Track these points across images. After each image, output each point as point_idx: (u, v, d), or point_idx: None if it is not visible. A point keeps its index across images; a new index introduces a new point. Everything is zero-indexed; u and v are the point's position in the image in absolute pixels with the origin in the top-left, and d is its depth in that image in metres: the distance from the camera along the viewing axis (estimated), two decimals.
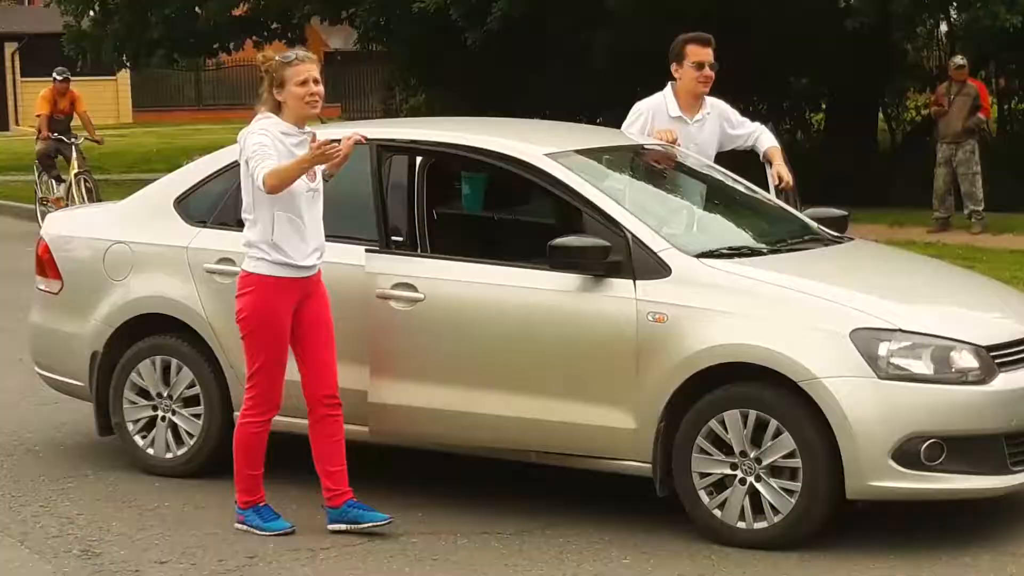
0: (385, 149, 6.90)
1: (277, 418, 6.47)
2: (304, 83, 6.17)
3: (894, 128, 24.21)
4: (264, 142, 6.13)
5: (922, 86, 23.05)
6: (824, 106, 23.92)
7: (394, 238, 6.76)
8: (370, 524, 6.30)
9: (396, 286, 6.61)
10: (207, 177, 7.39)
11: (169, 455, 7.25)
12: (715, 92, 7.87)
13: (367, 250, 6.70)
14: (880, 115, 23.83)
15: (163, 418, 7.26)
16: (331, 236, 6.49)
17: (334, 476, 6.35)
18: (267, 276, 6.20)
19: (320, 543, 6.27)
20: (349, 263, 6.66)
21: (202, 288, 7.12)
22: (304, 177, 6.16)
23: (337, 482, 6.34)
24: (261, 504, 6.42)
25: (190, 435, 7.21)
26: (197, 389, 7.17)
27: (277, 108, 6.23)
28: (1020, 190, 18.61)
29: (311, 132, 6.32)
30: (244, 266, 6.30)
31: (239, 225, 7.19)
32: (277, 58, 6.26)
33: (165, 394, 7.25)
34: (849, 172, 20.28)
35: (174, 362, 7.22)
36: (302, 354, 6.33)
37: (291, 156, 6.14)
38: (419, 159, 6.89)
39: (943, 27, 23.10)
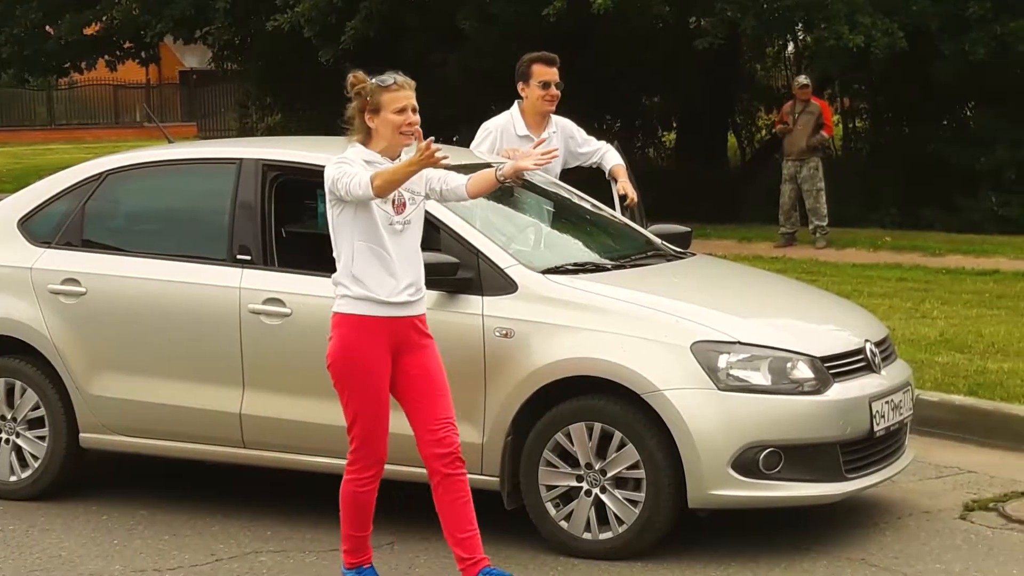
0: (241, 169, 6.92)
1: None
2: (403, 111, 5.57)
3: (744, 146, 24.72)
4: (348, 159, 5.56)
5: (771, 105, 23.58)
6: (675, 124, 24.33)
7: (241, 256, 6.77)
8: None
9: (267, 301, 6.63)
10: (51, 197, 7.35)
11: (13, 478, 7.17)
12: (569, 111, 8.00)
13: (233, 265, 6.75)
14: (730, 134, 24.31)
15: (7, 440, 7.19)
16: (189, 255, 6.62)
17: (465, 543, 5.62)
18: (351, 315, 5.57)
19: (166, 563, 6.24)
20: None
21: (46, 309, 7.07)
22: (390, 208, 5.56)
23: (470, 550, 5.61)
24: (366, 566, 5.82)
25: (35, 457, 7.14)
26: (42, 411, 7.11)
27: (367, 135, 5.64)
28: (864, 206, 19.14)
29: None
30: (334, 307, 5.66)
31: (84, 245, 7.19)
32: (373, 81, 5.63)
33: (9, 416, 7.18)
34: (700, 189, 20.67)
35: (18, 384, 7.16)
36: (409, 410, 5.68)
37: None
38: (269, 178, 6.91)
39: (791, 47, 23.65)
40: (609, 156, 7.89)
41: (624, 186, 7.68)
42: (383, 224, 5.55)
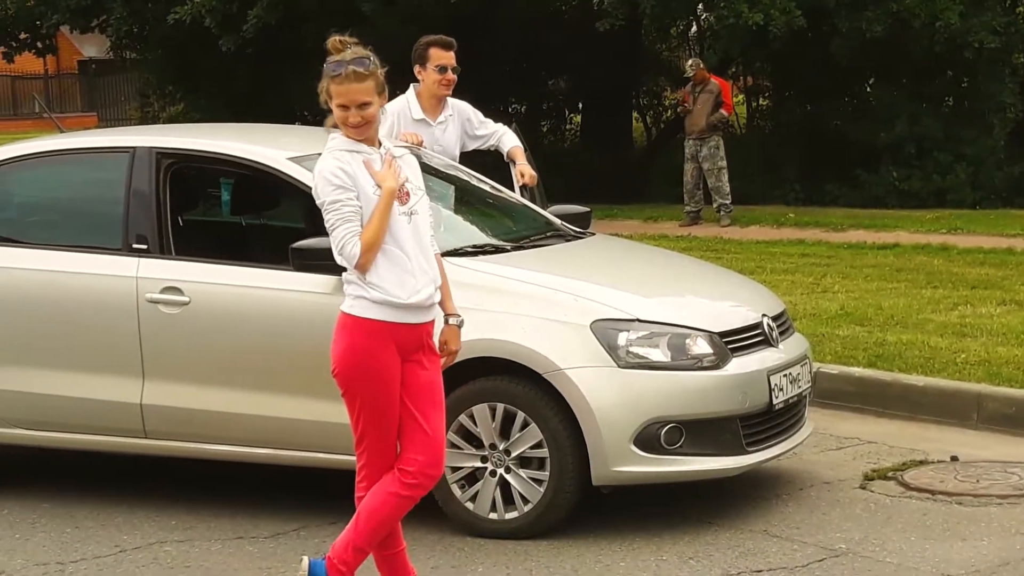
0: (134, 157, 6.85)
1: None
2: (344, 108, 5.06)
3: (650, 126, 24.87)
4: (338, 185, 5.02)
5: (677, 85, 23.75)
6: (581, 106, 24.42)
7: (136, 245, 6.71)
8: None
9: (165, 290, 6.58)
10: None
11: None
12: (475, 95, 8.00)
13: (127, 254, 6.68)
14: (635, 114, 24.45)
15: None
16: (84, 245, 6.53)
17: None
18: (366, 319, 5.08)
19: (70, 556, 6.18)
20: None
21: None
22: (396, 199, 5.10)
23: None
24: None
25: None
26: None
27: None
28: (768, 183, 19.35)
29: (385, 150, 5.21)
30: (341, 307, 5.17)
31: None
32: (326, 64, 5.09)
33: None
34: (606, 170, 20.79)
35: None
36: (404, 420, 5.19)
37: (367, 181, 5.07)
38: (164, 165, 6.85)
39: (694, 27, 23.81)
40: (506, 139, 7.91)
41: (522, 168, 7.70)
42: (394, 215, 5.07)
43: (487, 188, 7.56)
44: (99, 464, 7.34)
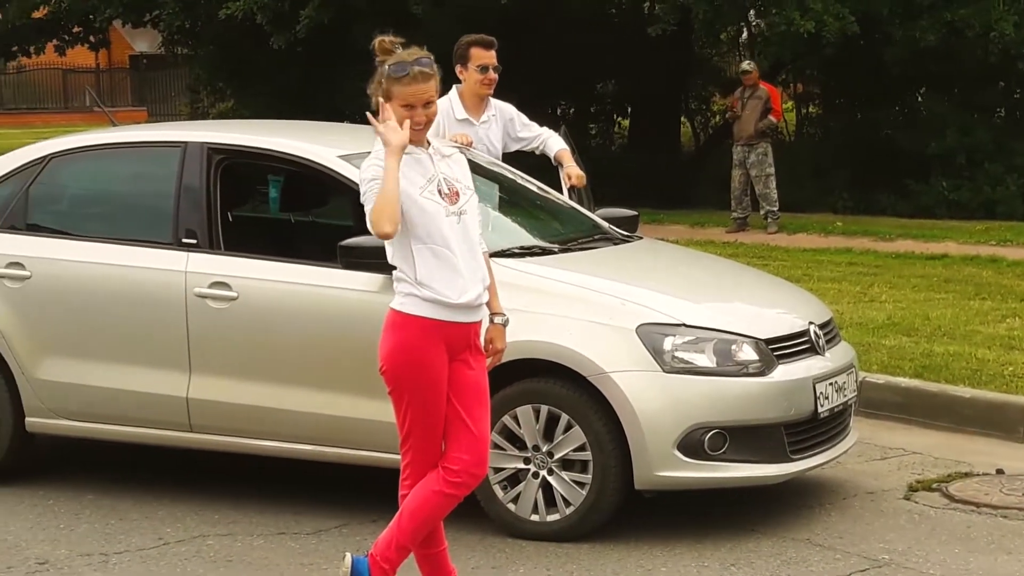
0: (185, 152, 6.89)
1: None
2: (410, 107, 5.05)
3: (698, 132, 24.80)
4: (377, 175, 5.00)
5: (726, 90, 23.68)
6: (630, 110, 24.38)
7: (186, 240, 6.75)
8: None
9: (213, 285, 6.61)
10: None
11: None
12: (522, 96, 7.99)
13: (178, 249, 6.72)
14: (684, 119, 24.39)
15: None
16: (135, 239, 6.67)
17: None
18: (417, 316, 5.05)
19: (113, 547, 6.22)
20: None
21: None
22: (438, 198, 5.09)
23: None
24: None
25: None
26: None
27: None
28: (816, 191, 19.26)
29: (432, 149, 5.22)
30: (391, 304, 5.14)
31: (29, 229, 7.16)
32: (387, 66, 5.06)
33: None
34: (654, 175, 20.73)
35: None
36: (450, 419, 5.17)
37: (407, 179, 5.05)
38: (215, 161, 6.88)
39: (745, 33, 23.74)
40: (552, 142, 7.92)
41: (569, 170, 7.70)
42: (439, 219, 5.05)
43: (535, 189, 7.56)
44: (144, 457, 7.38)
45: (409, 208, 5.04)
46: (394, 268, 5.16)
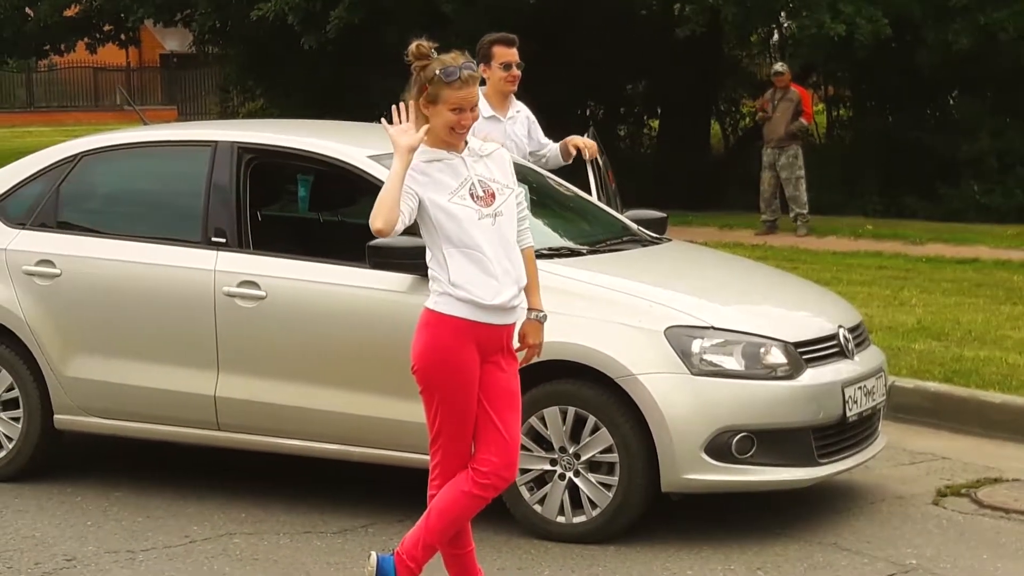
0: (215, 151, 6.91)
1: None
2: (460, 111, 5.07)
3: (728, 133, 24.74)
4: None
5: (756, 92, 23.62)
6: (660, 111, 24.34)
7: (215, 239, 6.77)
8: None
9: (242, 284, 6.62)
10: (26, 179, 7.34)
11: None
12: (552, 97, 7.98)
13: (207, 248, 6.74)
14: (714, 121, 24.34)
15: None
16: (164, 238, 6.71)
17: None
18: (451, 316, 5.04)
19: (140, 544, 6.24)
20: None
21: (21, 290, 7.05)
22: (472, 203, 5.06)
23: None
24: None
25: (8, 439, 7.13)
26: (16, 393, 7.09)
27: (423, 123, 5.06)
28: (846, 194, 19.19)
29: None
30: (425, 303, 5.13)
31: (59, 227, 7.19)
32: (438, 71, 5.05)
33: None
34: (683, 176, 20.69)
35: None
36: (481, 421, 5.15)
37: (437, 185, 5.06)
38: (244, 160, 6.90)
39: (776, 36, 23.67)
40: (554, 158, 7.94)
41: (577, 140, 7.75)
42: (471, 223, 5.03)
43: (563, 190, 7.55)
44: (172, 455, 7.41)
45: (437, 214, 5.05)
46: (423, 269, 5.18)
